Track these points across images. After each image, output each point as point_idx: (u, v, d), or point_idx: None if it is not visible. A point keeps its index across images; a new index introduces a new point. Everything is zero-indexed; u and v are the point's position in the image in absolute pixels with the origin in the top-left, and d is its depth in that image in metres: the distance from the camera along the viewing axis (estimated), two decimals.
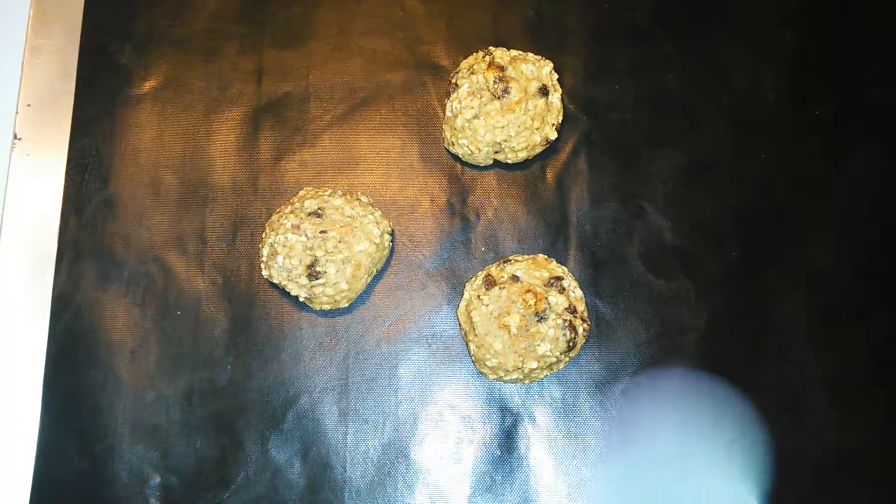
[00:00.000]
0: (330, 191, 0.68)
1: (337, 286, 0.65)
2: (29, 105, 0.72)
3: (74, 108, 0.72)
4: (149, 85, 0.73)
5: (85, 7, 0.75)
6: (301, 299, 0.66)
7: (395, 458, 0.64)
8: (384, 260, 0.68)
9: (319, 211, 0.66)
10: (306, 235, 0.64)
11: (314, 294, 0.65)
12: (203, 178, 0.71)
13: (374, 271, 0.67)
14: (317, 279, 0.64)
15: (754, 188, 0.70)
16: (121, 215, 0.69)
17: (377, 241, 0.66)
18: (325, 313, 0.67)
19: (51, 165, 0.71)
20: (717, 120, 0.71)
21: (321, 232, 0.65)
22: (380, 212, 0.68)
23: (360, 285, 0.66)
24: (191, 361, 0.66)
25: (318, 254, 0.64)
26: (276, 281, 0.66)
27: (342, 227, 0.65)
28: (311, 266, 0.64)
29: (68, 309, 0.67)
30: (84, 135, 0.71)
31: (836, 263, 0.68)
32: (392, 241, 0.69)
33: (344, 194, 0.68)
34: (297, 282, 0.65)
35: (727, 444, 0.64)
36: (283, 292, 0.67)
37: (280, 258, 0.65)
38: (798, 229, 0.69)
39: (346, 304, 0.67)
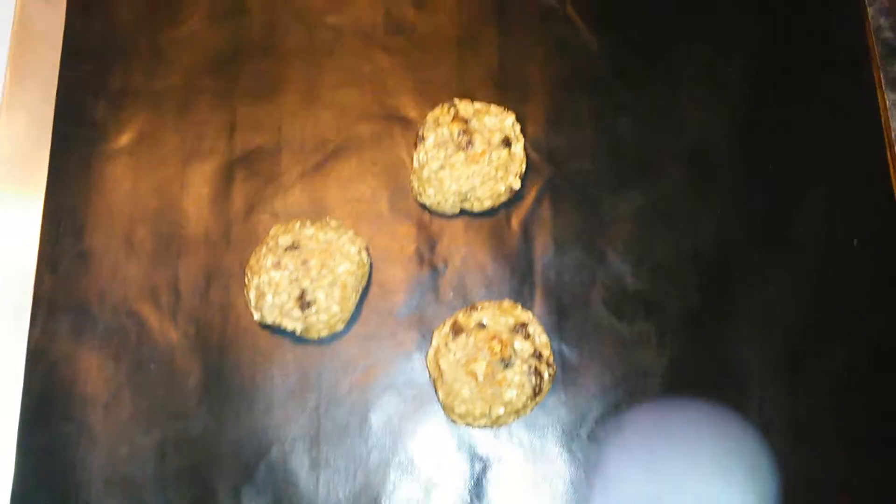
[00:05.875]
0: (298, 223, 0.70)
1: (329, 310, 0.67)
2: (5, 161, 0.73)
3: (50, 164, 0.73)
4: (123, 140, 0.75)
5: (61, 64, 0.77)
6: (298, 333, 0.67)
7: None
8: (366, 276, 0.70)
9: (295, 244, 0.68)
10: (289, 269, 0.67)
11: (310, 324, 0.67)
12: (176, 230, 0.72)
13: (360, 289, 0.69)
14: (309, 308, 0.66)
15: (712, 232, 0.72)
16: (95, 270, 0.71)
17: (356, 258, 0.68)
18: (298, 357, 0.68)
19: (26, 221, 0.72)
20: (674, 166, 0.74)
21: (302, 262, 0.67)
22: (352, 231, 0.70)
23: (351, 305, 0.68)
24: (164, 414, 0.67)
25: (305, 283, 0.66)
26: (269, 321, 0.67)
27: (321, 252, 0.67)
28: (300, 297, 0.66)
29: (42, 364, 0.68)
30: (59, 190, 0.73)
31: (794, 304, 0.70)
32: (369, 256, 0.70)
33: (314, 223, 0.70)
34: (290, 315, 0.66)
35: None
36: (277, 330, 0.68)
37: (269, 297, 0.66)
38: (755, 271, 0.71)
39: (342, 327, 0.68)
